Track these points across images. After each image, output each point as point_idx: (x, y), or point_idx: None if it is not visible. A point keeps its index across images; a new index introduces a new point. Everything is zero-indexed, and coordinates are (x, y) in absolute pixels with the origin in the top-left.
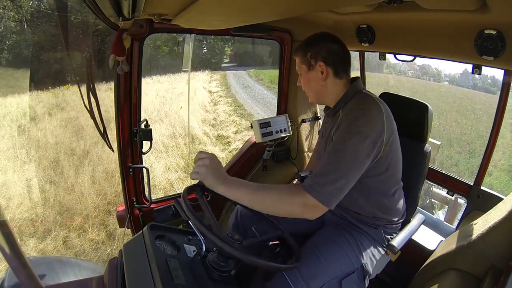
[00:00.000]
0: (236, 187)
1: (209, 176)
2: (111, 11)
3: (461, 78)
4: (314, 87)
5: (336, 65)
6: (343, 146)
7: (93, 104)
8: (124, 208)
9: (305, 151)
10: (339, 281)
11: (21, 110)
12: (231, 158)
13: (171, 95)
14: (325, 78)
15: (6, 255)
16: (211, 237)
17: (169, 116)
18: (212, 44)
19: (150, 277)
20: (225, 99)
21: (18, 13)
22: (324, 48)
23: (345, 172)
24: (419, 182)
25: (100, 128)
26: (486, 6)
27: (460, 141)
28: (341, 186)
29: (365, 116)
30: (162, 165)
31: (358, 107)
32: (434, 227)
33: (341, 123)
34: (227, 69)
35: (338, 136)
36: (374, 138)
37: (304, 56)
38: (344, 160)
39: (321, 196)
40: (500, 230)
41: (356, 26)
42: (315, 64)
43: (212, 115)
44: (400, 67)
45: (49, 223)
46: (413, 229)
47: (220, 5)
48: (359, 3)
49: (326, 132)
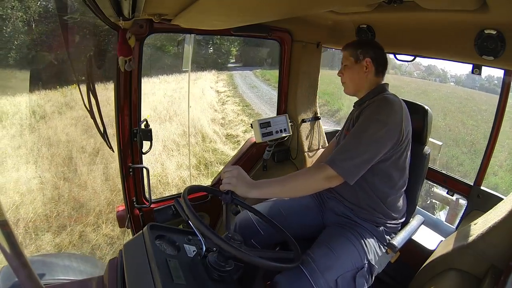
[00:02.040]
0: (267, 187)
1: (240, 185)
2: (111, 11)
3: (467, 79)
4: (355, 79)
5: (379, 66)
6: (364, 128)
7: (93, 104)
8: (124, 208)
9: (305, 151)
10: (352, 275)
11: (30, 108)
12: (231, 158)
13: (178, 94)
14: (367, 72)
15: (6, 255)
16: (211, 237)
17: (178, 115)
18: (218, 44)
19: (150, 277)
20: (232, 99)
21: (26, 13)
22: (373, 49)
23: (363, 151)
24: (418, 183)
25: (100, 128)
26: (486, 6)
27: (466, 141)
28: (359, 163)
29: (387, 107)
30: (174, 163)
31: (383, 100)
32: (434, 227)
33: (365, 110)
34: (233, 69)
35: (360, 121)
36: (393, 128)
37: (354, 50)
38: (363, 140)
39: (341, 169)
40: (500, 230)
41: (356, 26)
42: (363, 59)
43: (221, 115)
44: (405, 67)
45: (64, 219)
46: (413, 229)
47: (220, 5)
48: (359, 3)
49: (350, 117)
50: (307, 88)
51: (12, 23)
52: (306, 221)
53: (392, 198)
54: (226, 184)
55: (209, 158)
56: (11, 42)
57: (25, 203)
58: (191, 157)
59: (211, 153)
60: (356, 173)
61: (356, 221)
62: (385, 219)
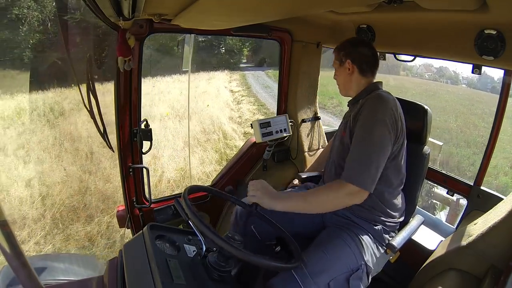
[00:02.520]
0: (289, 200)
1: (265, 198)
2: (111, 11)
3: (479, 81)
4: (342, 81)
5: (362, 65)
6: (369, 134)
7: (93, 104)
8: (124, 208)
9: (305, 151)
10: (346, 277)
11: (48, 105)
12: (231, 158)
13: (194, 93)
14: (351, 74)
15: (6, 255)
16: (211, 237)
17: (196, 114)
18: (231, 44)
19: (150, 277)
20: (247, 98)
21: (42, 13)
22: (355, 49)
23: (375, 157)
24: (418, 183)
25: (100, 128)
26: (486, 6)
27: (478, 143)
28: (375, 170)
29: (382, 104)
30: (197, 158)
31: (377, 98)
32: (434, 227)
33: (362, 111)
34: (245, 69)
35: (362, 126)
36: (392, 124)
37: (338, 53)
38: (372, 147)
39: (361, 183)
40: (500, 230)
41: (356, 26)
42: (345, 61)
43: (237, 113)
44: (416, 69)
45: (92, 209)
46: (413, 229)
47: (220, 5)
48: (359, 3)
49: (346, 118)
50: (307, 88)
51: (28, 23)
52: (308, 220)
53: (390, 197)
54: (251, 197)
55: (231, 155)
56: (26, 41)
57: (52, 194)
58: (213, 153)
59: (232, 149)
60: (374, 181)
61: (355, 221)
62: (384, 217)
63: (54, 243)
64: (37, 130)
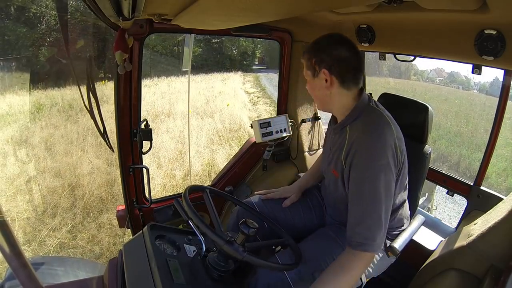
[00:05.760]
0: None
1: None
2: (111, 11)
3: (490, 87)
4: (318, 95)
5: (343, 74)
6: (373, 186)
7: (93, 104)
8: (124, 208)
9: (305, 151)
10: None
11: (67, 102)
12: (231, 158)
13: (211, 93)
14: (329, 87)
15: (6, 255)
16: (211, 237)
17: (216, 113)
18: (244, 46)
19: (150, 277)
20: (262, 99)
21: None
22: (330, 54)
23: (383, 208)
24: (419, 183)
25: (100, 128)
26: (486, 6)
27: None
28: (384, 221)
29: (380, 140)
30: (222, 154)
31: (371, 131)
32: (434, 227)
33: (356, 150)
34: (258, 71)
35: (362, 178)
36: (394, 161)
37: (309, 61)
38: (378, 198)
39: (377, 247)
40: (500, 230)
41: (356, 26)
42: (319, 70)
43: (255, 114)
44: (428, 74)
45: (118, 201)
46: (414, 230)
47: (220, 5)
48: (359, 3)
49: (334, 147)
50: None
51: (45, 21)
52: (309, 220)
53: (395, 208)
54: None
55: None
56: (43, 39)
57: (82, 184)
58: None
59: None
60: (385, 232)
61: None
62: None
63: (88, 230)
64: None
